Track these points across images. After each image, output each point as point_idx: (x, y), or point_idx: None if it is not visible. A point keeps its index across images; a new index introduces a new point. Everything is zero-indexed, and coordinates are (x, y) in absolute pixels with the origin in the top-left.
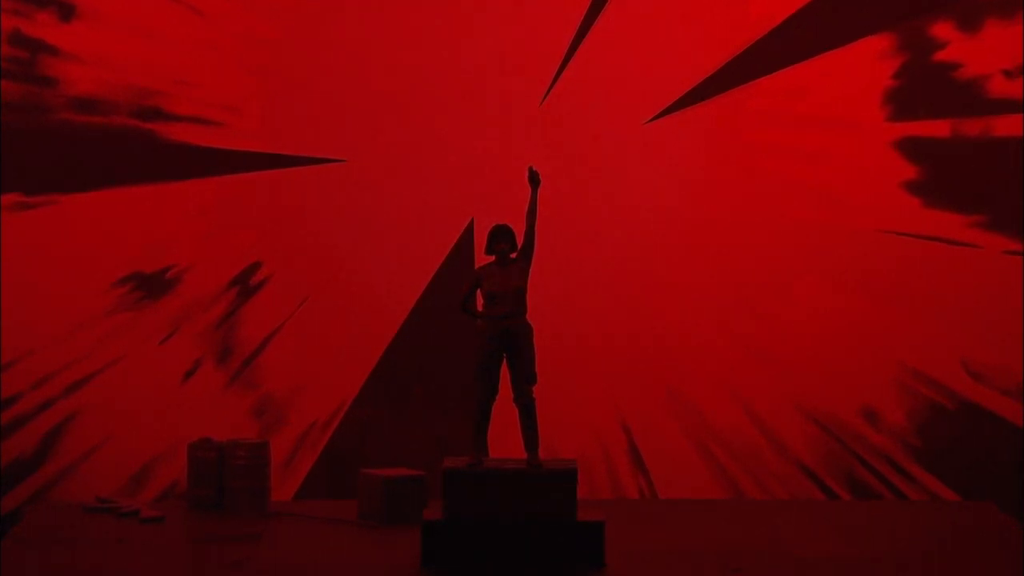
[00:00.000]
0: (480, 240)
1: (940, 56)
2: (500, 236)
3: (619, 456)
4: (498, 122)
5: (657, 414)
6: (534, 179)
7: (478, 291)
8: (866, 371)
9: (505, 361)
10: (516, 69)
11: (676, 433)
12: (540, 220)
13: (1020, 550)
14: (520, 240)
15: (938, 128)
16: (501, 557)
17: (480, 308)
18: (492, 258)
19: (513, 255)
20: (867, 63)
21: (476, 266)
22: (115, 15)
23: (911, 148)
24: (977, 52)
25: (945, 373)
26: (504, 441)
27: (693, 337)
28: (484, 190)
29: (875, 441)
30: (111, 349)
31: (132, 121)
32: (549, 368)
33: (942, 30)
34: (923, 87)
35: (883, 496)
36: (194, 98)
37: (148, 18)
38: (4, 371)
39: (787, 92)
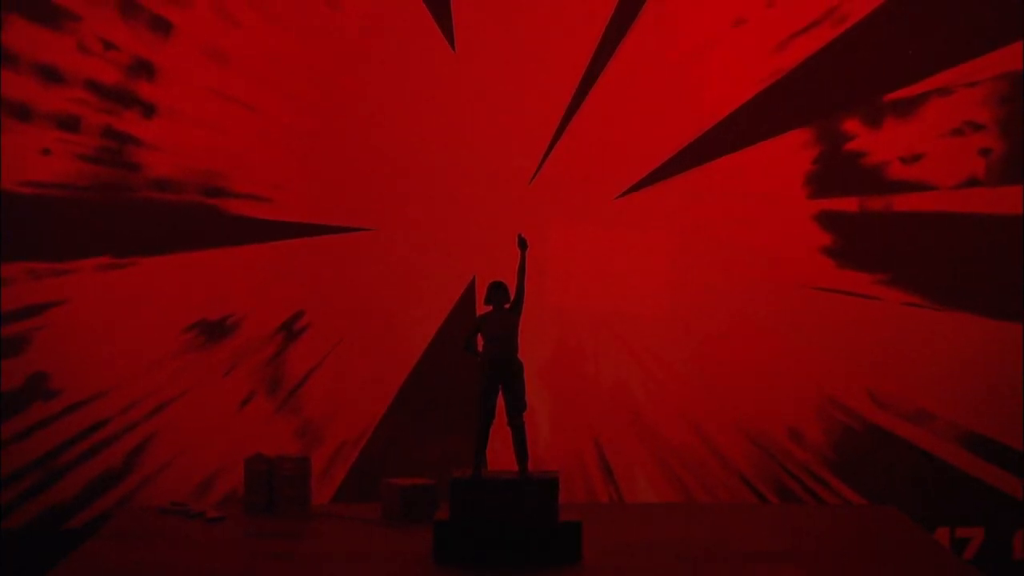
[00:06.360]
0: (480, 293)
1: (850, 146)
2: (496, 290)
3: (593, 468)
4: (495, 197)
5: (624, 434)
6: (523, 244)
7: (479, 334)
8: (792, 399)
9: (500, 391)
10: (509, 154)
11: (639, 449)
12: (528, 276)
13: (915, 543)
14: (512, 293)
15: (848, 204)
16: (497, 550)
17: (480, 348)
18: (490, 308)
19: (507, 306)
20: (792, 151)
21: (477, 314)
22: (186, 113)
23: (826, 220)
24: (879, 143)
25: (855, 401)
26: (500, 456)
27: (654, 372)
28: (483, 253)
29: (799, 455)
30: (182, 382)
31: (199, 198)
32: (536, 397)
33: (851, 126)
34: (836, 171)
35: (805, 501)
36: (249, 179)
37: (212, 115)
38: (96, 400)
39: (730, 173)
